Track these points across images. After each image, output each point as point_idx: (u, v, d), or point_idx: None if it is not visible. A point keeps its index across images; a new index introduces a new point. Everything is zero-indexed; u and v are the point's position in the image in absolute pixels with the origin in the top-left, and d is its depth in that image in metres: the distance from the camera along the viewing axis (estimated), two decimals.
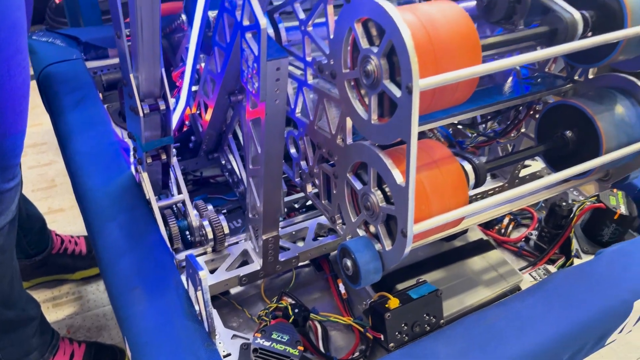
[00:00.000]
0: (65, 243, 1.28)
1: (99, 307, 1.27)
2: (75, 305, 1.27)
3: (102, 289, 1.31)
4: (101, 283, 1.32)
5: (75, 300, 1.28)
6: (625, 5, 0.58)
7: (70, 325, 1.22)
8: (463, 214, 0.54)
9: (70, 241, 1.29)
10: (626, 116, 0.65)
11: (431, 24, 0.48)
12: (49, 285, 1.30)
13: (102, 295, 1.30)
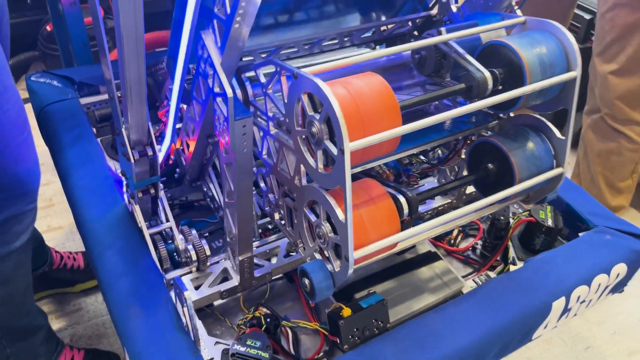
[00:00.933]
0: (64, 259, 1.40)
1: (98, 317, 1.40)
2: (77, 316, 1.39)
3: (101, 300, 1.43)
4: (99, 295, 1.44)
5: (76, 311, 1.40)
6: (524, 65, 0.71)
7: (72, 334, 1.34)
8: (396, 240, 0.67)
9: (69, 257, 1.41)
10: (536, 151, 0.79)
11: (359, 96, 0.61)
12: (53, 298, 1.42)
13: (101, 306, 1.42)
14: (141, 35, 0.62)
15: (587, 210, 1.02)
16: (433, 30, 0.80)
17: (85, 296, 1.44)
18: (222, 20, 0.63)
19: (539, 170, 0.79)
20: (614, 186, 1.57)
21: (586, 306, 0.95)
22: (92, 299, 1.43)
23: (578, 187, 1.08)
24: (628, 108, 1.44)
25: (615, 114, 1.46)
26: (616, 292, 1.01)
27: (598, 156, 1.54)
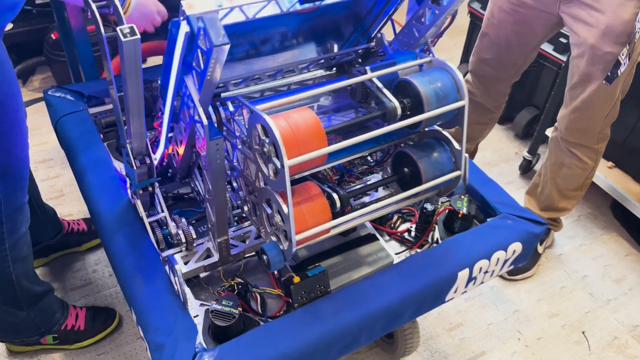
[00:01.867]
0: (71, 225, 1.72)
1: (105, 290, 1.66)
2: (88, 289, 1.66)
3: (107, 275, 1.70)
4: (107, 271, 1.71)
5: (87, 285, 1.67)
6: (423, 97, 0.96)
7: (84, 305, 1.61)
8: (327, 227, 0.93)
9: (75, 222, 1.74)
10: (439, 158, 1.04)
11: (295, 126, 0.86)
12: (67, 275, 1.68)
13: (107, 280, 1.68)
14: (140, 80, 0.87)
15: (496, 200, 1.28)
16: (362, 68, 1.05)
17: (95, 272, 1.70)
18: (198, 72, 0.88)
19: (442, 172, 1.05)
20: (563, 193, 1.75)
21: (490, 276, 1.22)
22: (100, 274, 1.70)
23: (492, 182, 1.34)
24: (577, 136, 1.62)
25: (568, 138, 1.65)
26: (519, 264, 1.27)
27: (553, 165, 1.74)
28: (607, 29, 1.39)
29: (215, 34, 0.77)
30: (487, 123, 1.93)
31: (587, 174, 1.69)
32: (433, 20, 1.05)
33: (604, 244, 1.96)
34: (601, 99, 1.52)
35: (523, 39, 1.64)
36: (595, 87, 1.49)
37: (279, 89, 1.20)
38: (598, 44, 1.42)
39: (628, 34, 1.37)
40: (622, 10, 1.35)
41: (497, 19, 1.65)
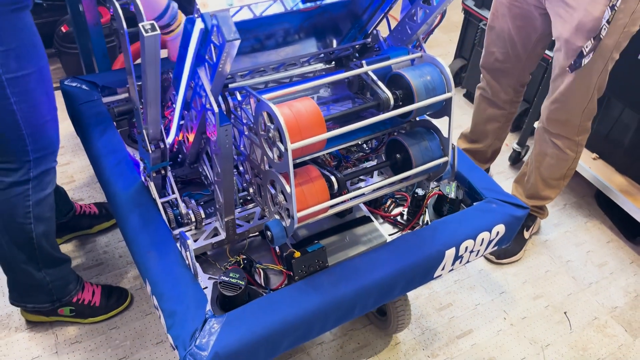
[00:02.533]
0: (83, 207, 1.83)
1: (116, 270, 1.76)
2: (100, 268, 1.76)
3: (117, 256, 1.80)
4: (116, 252, 1.80)
5: (98, 265, 1.77)
6: (413, 89, 1.06)
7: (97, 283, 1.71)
8: (326, 206, 1.03)
9: (87, 206, 1.85)
10: (429, 145, 1.14)
11: (298, 114, 0.96)
12: (79, 255, 1.78)
13: (117, 261, 1.78)
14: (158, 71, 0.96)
15: (482, 186, 1.38)
16: (359, 62, 1.15)
17: (107, 254, 1.80)
18: (210, 64, 0.97)
19: (431, 158, 1.15)
20: (546, 182, 1.85)
21: (475, 255, 1.32)
22: (110, 255, 1.80)
23: (479, 169, 1.43)
24: (558, 127, 1.73)
25: (549, 129, 1.75)
26: (503, 245, 1.38)
27: (537, 154, 1.83)
28: (579, 24, 1.49)
29: (228, 30, 0.87)
30: (500, 121, 2.00)
31: (569, 164, 1.79)
32: (424, 18, 1.14)
33: (588, 231, 2.07)
34: (577, 92, 1.62)
35: (523, 33, 1.74)
36: (571, 79, 1.59)
37: (281, 80, 1.30)
38: (571, 38, 1.52)
39: (596, 30, 1.47)
40: (592, 7, 1.45)
41: (500, 13, 1.76)
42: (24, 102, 1.18)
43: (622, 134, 1.99)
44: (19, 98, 1.17)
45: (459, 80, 2.72)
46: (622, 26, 1.49)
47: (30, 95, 1.19)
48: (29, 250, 1.40)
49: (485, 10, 2.41)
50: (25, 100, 1.18)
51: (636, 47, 1.75)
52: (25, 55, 1.14)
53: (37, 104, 1.22)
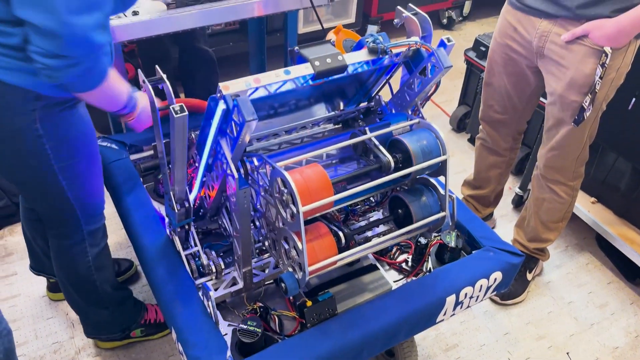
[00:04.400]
0: None
1: None
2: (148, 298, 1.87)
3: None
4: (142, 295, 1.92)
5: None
6: (411, 153, 1.18)
7: None
8: (334, 260, 1.14)
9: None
10: (427, 201, 1.26)
11: (308, 180, 1.08)
12: None
13: None
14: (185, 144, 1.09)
15: (480, 235, 1.49)
16: (362, 127, 1.27)
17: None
18: (231, 137, 1.10)
19: (430, 213, 1.26)
20: (546, 225, 1.94)
21: (475, 300, 1.41)
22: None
23: (477, 219, 1.54)
24: (554, 174, 1.82)
25: (546, 175, 1.85)
26: (501, 290, 1.47)
27: (535, 199, 1.93)
28: (571, 81, 1.61)
29: (247, 111, 1.00)
30: (501, 167, 2.10)
31: (566, 207, 1.89)
32: (420, 88, 1.27)
33: (589, 273, 2.15)
34: (572, 140, 1.73)
35: (518, 88, 1.86)
36: (566, 130, 1.71)
37: (293, 141, 1.43)
38: (565, 93, 1.64)
39: (589, 85, 1.59)
40: (583, 65, 1.58)
41: (496, 71, 1.88)
42: (74, 184, 1.33)
43: (618, 179, 2.08)
44: (69, 182, 1.31)
45: (463, 126, 2.85)
46: (611, 80, 1.61)
47: (80, 178, 1.34)
48: (94, 294, 1.56)
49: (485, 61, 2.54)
50: (75, 183, 1.33)
51: (627, 99, 1.86)
52: (75, 144, 1.29)
53: (85, 184, 1.37)
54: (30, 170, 1.27)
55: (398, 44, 1.22)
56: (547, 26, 1.62)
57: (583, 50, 1.57)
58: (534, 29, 1.66)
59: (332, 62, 1.15)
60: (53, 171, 1.27)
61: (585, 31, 1.54)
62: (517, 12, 1.70)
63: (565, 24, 1.58)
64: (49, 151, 1.24)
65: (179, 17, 1.64)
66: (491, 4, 3.88)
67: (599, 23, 1.52)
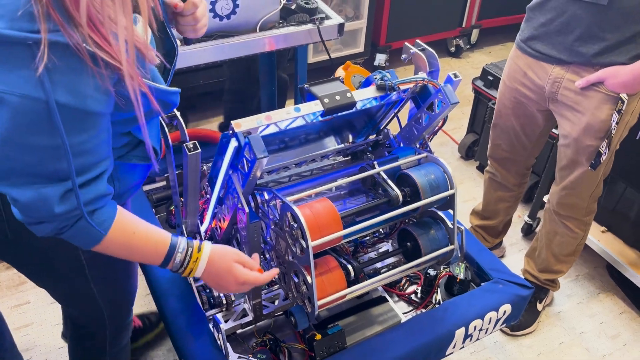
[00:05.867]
0: None
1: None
2: None
3: None
4: None
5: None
6: (419, 187, 1.20)
7: None
8: (343, 294, 1.15)
9: None
10: (436, 234, 1.27)
11: (317, 214, 1.10)
12: None
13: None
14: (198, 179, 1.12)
15: (489, 267, 1.49)
16: (371, 161, 1.30)
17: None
18: (243, 173, 1.13)
19: (438, 246, 1.27)
20: (557, 258, 1.93)
21: (485, 333, 1.41)
22: None
23: (487, 250, 1.55)
24: (568, 211, 1.82)
25: (559, 212, 1.84)
26: (511, 323, 1.47)
27: (547, 233, 1.92)
28: (587, 126, 1.60)
29: (258, 149, 1.03)
30: (509, 201, 2.10)
31: (579, 241, 1.88)
32: (428, 123, 1.30)
33: (600, 303, 2.13)
34: (586, 180, 1.72)
35: (528, 129, 1.85)
36: (580, 171, 1.70)
37: (303, 174, 1.46)
38: (580, 137, 1.63)
39: (605, 130, 1.58)
40: (599, 111, 1.57)
41: (504, 113, 1.87)
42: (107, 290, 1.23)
43: (628, 208, 2.08)
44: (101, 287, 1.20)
45: (471, 154, 2.86)
46: (625, 122, 1.61)
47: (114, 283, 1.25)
48: None
49: (493, 90, 2.57)
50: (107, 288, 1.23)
51: (634, 130, 1.87)
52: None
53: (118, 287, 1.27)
54: (60, 279, 1.18)
55: (405, 80, 1.25)
56: (560, 72, 1.62)
57: (598, 97, 1.56)
58: (546, 75, 1.65)
59: (341, 100, 1.17)
60: (86, 280, 1.17)
61: (600, 78, 1.53)
62: (527, 57, 1.70)
63: (578, 70, 1.58)
64: (85, 262, 1.13)
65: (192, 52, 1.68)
66: (499, 32, 3.93)
67: (614, 71, 1.51)
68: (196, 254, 1.04)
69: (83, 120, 0.81)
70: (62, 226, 0.89)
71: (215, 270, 1.06)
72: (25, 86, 0.75)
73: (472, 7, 3.66)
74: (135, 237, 0.99)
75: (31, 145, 0.80)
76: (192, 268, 1.04)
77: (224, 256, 1.06)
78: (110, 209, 0.94)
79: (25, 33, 0.73)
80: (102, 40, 0.77)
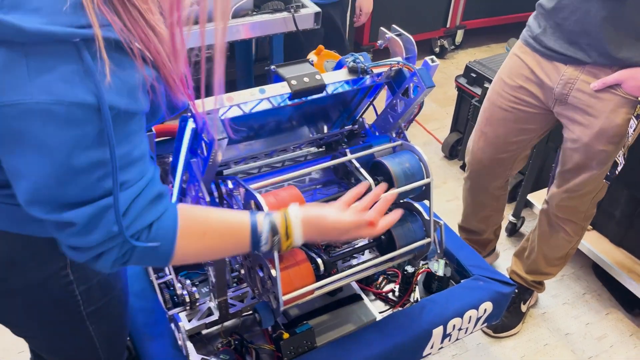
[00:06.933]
0: None
1: None
2: None
3: None
4: None
5: None
6: (393, 175, 1.12)
7: None
8: (311, 289, 1.07)
9: None
10: (411, 227, 1.19)
11: (283, 203, 1.02)
12: None
13: None
14: None
15: (470, 263, 1.42)
16: (343, 149, 1.22)
17: None
18: (202, 157, 1.05)
19: (414, 239, 1.20)
20: (548, 260, 1.85)
21: (464, 333, 1.34)
22: None
23: (467, 246, 1.48)
24: (567, 214, 1.74)
25: (558, 214, 1.75)
26: (492, 322, 1.40)
27: (541, 234, 1.83)
28: (600, 130, 1.51)
29: (216, 130, 0.95)
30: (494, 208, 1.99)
31: (572, 245, 1.80)
32: (404, 109, 1.23)
33: (586, 303, 2.07)
34: (591, 185, 1.64)
35: (523, 136, 1.73)
36: (587, 175, 1.61)
37: (274, 165, 1.38)
38: (592, 142, 1.54)
39: (620, 135, 1.50)
40: (614, 115, 1.48)
41: (497, 117, 1.73)
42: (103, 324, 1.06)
43: (613, 206, 2.03)
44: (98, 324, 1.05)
45: (455, 153, 2.81)
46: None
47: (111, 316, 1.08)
48: None
49: (477, 87, 2.52)
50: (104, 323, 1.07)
51: None
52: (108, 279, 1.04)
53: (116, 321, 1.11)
54: (50, 323, 1.01)
55: (379, 64, 1.18)
56: (574, 73, 1.52)
57: (615, 100, 1.48)
58: (557, 75, 1.55)
59: (309, 82, 1.10)
60: (81, 318, 1.01)
61: (618, 80, 1.45)
62: (535, 54, 1.60)
63: (594, 71, 1.49)
64: (80, 297, 0.98)
65: None
66: (484, 34, 3.90)
67: (634, 72, 1.43)
68: (283, 227, 0.93)
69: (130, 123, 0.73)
70: (124, 250, 0.78)
71: (316, 231, 0.97)
72: (74, 92, 0.65)
73: (457, 8, 3.62)
74: (207, 238, 0.88)
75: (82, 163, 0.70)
76: (290, 242, 0.95)
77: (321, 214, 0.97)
78: (169, 216, 0.83)
79: (72, 29, 0.64)
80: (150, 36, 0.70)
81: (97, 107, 0.67)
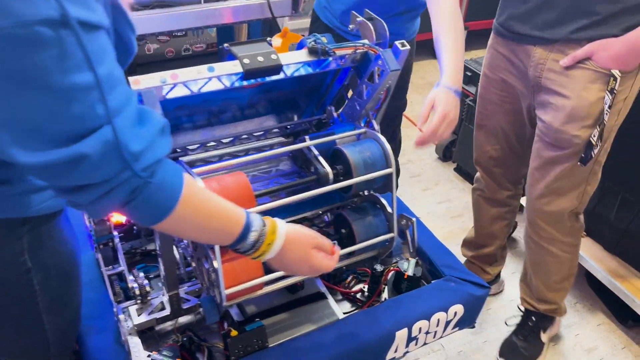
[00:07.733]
0: None
1: None
2: None
3: None
4: None
5: None
6: (351, 164, 1.05)
7: None
8: (258, 282, 1.00)
9: None
10: (373, 220, 1.12)
11: (226, 187, 0.95)
12: None
13: None
14: None
15: (442, 263, 1.33)
16: (303, 137, 1.15)
17: None
18: None
19: (376, 234, 1.12)
20: (549, 286, 1.71)
21: (433, 337, 1.25)
22: None
23: (442, 246, 1.39)
24: (547, 229, 1.59)
25: (538, 232, 1.62)
26: (465, 327, 1.31)
27: (531, 263, 1.72)
28: (572, 112, 1.40)
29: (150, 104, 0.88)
30: (507, 218, 1.87)
31: (568, 265, 1.66)
32: (369, 95, 1.15)
33: (577, 313, 1.97)
34: (567, 183, 1.51)
35: (517, 126, 1.66)
36: (560, 170, 1.49)
37: (237, 153, 1.31)
38: (563, 127, 1.43)
39: (593, 116, 1.38)
40: (586, 92, 1.37)
41: (490, 110, 1.67)
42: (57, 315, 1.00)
43: (608, 209, 1.93)
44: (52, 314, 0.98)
45: (449, 155, 2.72)
46: (619, 109, 1.42)
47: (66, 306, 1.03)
48: None
49: (471, 86, 2.44)
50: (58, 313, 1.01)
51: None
52: (65, 267, 0.99)
53: (69, 311, 1.05)
54: (3, 312, 0.94)
55: (342, 45, 1.11)
56: (543, 53, 1.44)
57: (586, 75, 1.37)
58: (528, 58, 1.47)
59: (264, 61, 1.03)
60: (37, 309, 0.94)
61: (588, 53, 1.35)
62: (508, 42, 1.53)
63: (563, 48, 1.40)
64: (37, 286, 0.92)
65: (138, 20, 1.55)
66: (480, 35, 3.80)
67: (605, 43, 1.33)
68: (270, 236, 0.89)
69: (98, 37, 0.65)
70: (134, 186, 0.71)
71: (288, 257, 0.92)
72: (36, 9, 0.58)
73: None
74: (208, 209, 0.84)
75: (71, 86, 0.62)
76: (264, 251, 0.89)
77: (300, 241, 0.93)
78: (176, 167, 0.78)
79: None
80: None
81: (62, 22, 0.59)
